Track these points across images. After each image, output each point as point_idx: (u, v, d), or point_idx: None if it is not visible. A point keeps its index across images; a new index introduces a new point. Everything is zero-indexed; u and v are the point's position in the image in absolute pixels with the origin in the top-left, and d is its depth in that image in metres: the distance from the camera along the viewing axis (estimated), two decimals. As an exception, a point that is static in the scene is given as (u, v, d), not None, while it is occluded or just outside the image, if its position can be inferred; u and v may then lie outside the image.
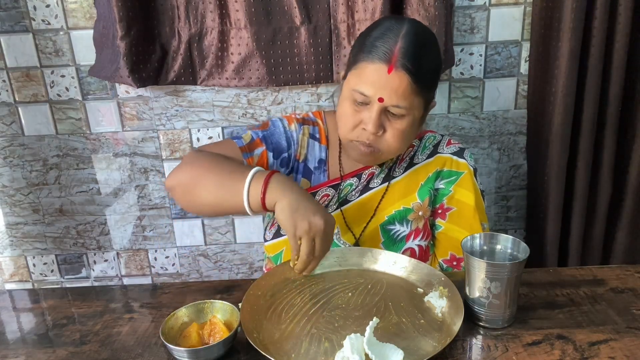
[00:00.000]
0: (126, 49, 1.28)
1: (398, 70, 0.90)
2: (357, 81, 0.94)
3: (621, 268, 0.98)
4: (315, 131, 1.12)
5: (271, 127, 1.09)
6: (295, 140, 1.09)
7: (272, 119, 1.12)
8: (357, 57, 0.95)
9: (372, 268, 0.97)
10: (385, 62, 0.91)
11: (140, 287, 1.00)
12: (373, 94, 0.92)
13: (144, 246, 1.63)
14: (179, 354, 0.74)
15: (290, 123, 1.10)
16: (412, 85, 0.91)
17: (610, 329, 0.80)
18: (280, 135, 1.08)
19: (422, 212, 1.08)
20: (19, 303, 0.97)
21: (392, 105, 0.93)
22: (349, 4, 1.32)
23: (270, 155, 1.06)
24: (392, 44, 0.91)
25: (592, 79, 1.33)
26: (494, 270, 0.77)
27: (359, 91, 0.93)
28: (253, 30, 1.34)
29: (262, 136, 1.07)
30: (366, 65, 0.93)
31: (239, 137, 1.05)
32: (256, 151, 1.04)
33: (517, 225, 1.63)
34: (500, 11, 1.40)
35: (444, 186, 1.09)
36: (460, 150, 1.10)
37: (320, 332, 0.79)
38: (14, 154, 1.52)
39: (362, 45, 0.95)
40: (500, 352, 0.76)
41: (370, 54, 0.92)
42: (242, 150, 1.03)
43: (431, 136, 1.13)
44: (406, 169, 1.10)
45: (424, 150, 1.11)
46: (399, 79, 0.90)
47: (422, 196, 1.08)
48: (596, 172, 1.43)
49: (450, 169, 1.09)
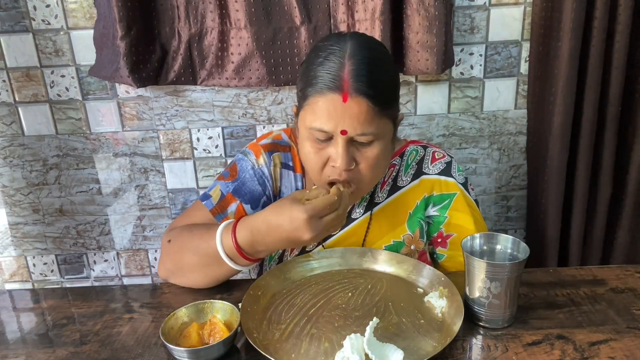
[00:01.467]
0: (126, 49, 1.28)
1: (353, 96, 0.81)
2: (312, 118, 0.84)
3: (621, 268, 0.98)
4: (288, 158, 1.03)
5: (240, 174, 1.01)
6: (267, 177, 1.02)
7: (238, 158, 1.04)
8: (305, 92, 0.85)
9: (372, 268, 0.97)
10: (337, 90, 0.81)
11: (140, 287, 1.00)
12: (333, 128, 0.83)
13: (144, 246, 1.63)
14: (179, 354, 0.74)
15: (258, 156, 1.02)
16: (373, 109, 0.82)
17: (610, 329, 0.80)
18: (251, 180, 1.01)
19: (415, 246, 1.02)
20: (19, 303, 0.97)
21: (357, 135, 0.83)
22: (349, 4, 1.32)
23: (247, 207, 0.99)
24: (338, 68, 0.81)
25: (592, 79, 1.33)
26: (494, 270, 0.77)
27: (317, 128, 0.84)
28: (253, 30, 1.34)
29: (233, 190, 1.00)
30: (317, 99, 0.83)
31: (208, 196, 1.00)
32: (229, 209, 0.99)
33: (517, 225, 1.63)
34: (500, 11, 1.40)
35: (438, 213, 1.02)
36: (447, 166, 1.02)
37: (320, 332, 0.79)
38: (14, 154, 1.52)
39: (307, 77, 0.85)
40: (500, 352, 0.76)
41: (317, 85, 0.82)
42: (213, 214, 0.98)
43: (413, 150, 1.04)
44: (390, 192, 1.02)
45: (407, 170, 1.02)
46: (357, 105, 0.81)
47: (412, 227, 1.02)
48: (596, 172, 1.43)
49: (440, 193, 1.01)
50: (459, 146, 1.53)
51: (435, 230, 1.04)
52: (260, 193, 1.01)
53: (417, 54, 1.32)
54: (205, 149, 1.51)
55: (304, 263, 0.97)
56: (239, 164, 1.03)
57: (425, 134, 1.51)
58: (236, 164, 1.04)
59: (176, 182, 1.55)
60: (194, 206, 1.02)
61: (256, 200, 1.00)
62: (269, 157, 1.02)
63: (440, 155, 1.04)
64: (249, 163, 1.02)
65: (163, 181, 1.55)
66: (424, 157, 1.03)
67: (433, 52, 1.30)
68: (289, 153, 1.04)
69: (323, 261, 0.97)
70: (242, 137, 1.50)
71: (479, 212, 1.04)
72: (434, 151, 1.04)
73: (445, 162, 1.02)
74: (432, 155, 1.03)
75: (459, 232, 1.02)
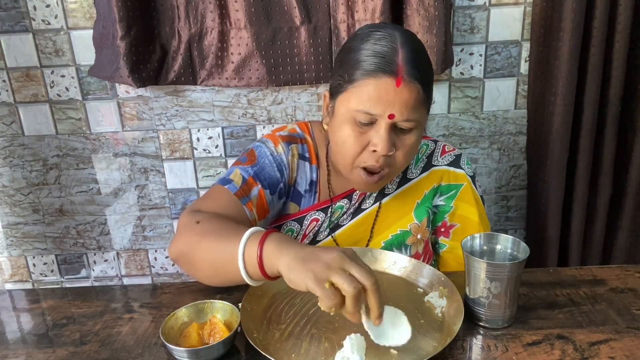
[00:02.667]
0: (126, 49, 1.28)
1: (407, 81, 0.82)
2: (359, 101, 0.84)
3: (621, 268, 0.98)
4: (305, 150, 1.02)
5: (259, 159, 0.98)
6: (285, 165, 0.99)
7: (256, 145, 1.01)
8: (352, 75, 0.84)
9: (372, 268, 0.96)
10: (392, 74, 0.81)
11: (140, 287, 1.00)
12: (382, 111, 0.83)
13: (144, 246, 1.63)
14: (179, 354, 0.74)
15: (277, 145, 1.00)
16: (421, 97, 0.84)
17: (610, 329, 0.80)
18: (270, 166, 0.98)
19: (421, 235, 1.02)
20: (19, 303, 0.97)
21: (402, 120, 0.84)
22: (349, 4, 1.32)
23: (267, 192, 0.96)
24: (392, 54, 0.82)
25: (592, 79, 1.33)
26: (494, 270, 0.77)
27: (364, 111, 0.84)
28: (253, 30, 1.34)
29: (254, 173, 0.96)
30: (368, 82, 0.83)
31: (229, 180, 0.95)
32: (252, 192, 0.95)
33: (517, 225, 1.63)
34: (500, 11, 1.40)
35: (444, 203, 1.04)
36: (456, 158, 1.04)
37: (320, 332, 0.79)
38: (14, 154, 1.52)
39: (353, 60, 0.85)
40: (500, 352, 0.76)
41: (369, 68, 0.82)
42: (238, 197, 0.92)
43: (424, 144, 1.05)
44: (399, 184, 1.03)
45: (417, 163, 1.04)
46: (408, 91, 0.82)
47: (420, 216, 1.02)
48: (596, 172, 1.43)
49: (448, 183, 1.03)
50: (459, 146, 1.53)
51: (440, 220, 1.05)
52: (279, 179, 0.98)
53: (417, 54, 1.32)
54: (205, 149, 1.51)
55: (304, 263, 0.96)
56: (257, 149, 1.00)
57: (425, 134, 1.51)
58: (254, 149, 1.01)
59: (176, 182, 1.55)
60: (215, 189, 0.95)
61: (274, 186, 0.98)
62: (287, 147, 1.00)
63: (450, 148, 1.06)
64: (267, 150, 1.00)
65: (163, 181, 1.55)
66: (434, 151, 1.05)
67: (433, 52, 1.30)
68: (305, 145, 1.03)
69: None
70: (242, 137, 1.50)
71: (483, 208, 1.06)
72: (444, 144, 1.07)
73: (455, 155, 1.05)
74: (442, 149, 1.06)
75: (463, 223, 1.03)
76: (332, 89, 0.91)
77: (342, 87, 0.87)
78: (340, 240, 1.03)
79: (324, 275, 0.66)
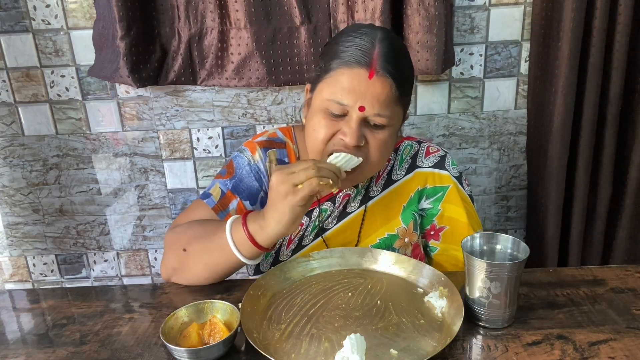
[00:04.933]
0: (126, 49, 1.28)
1: (380, 75, 0.83)
2: (333, 90, 0.85)
3: (621, 268, 0.98)
4: (283, 154, 1.04)
5: (237, 170, 1.02)
6: (263, 172, 1.02)
7: (234, 155, 1.04)
8: (330, 64, 0.86)
9: (372, 268, 0.97)
10: (365, 66, 0.82)
11: (140, 287, 0.99)
12: (353, 102, 0.84)
13: (144, 246, 1.63)
14: (179, 354, 0.74)
15: (254, 152, 1.03)
16: (394, 92, 0.85)
17: (610, 329, 0.80)
18: (248, 176, 1.01)
19: (408, 239, 1.02)
20: (19, 303, 0.97)
21: (373, 115, 0.85)
22: (349, 4, 1.32)
23: (247, 204, 1.00)
24: (369, 47, 0.83)
25: (592, 79, 1.33)
26: (494, 270, 0.77)
27: (336, 101, 0.84)
28: (253, 30, 1.34)
29: (232, 187, 1.00)
30: (342, 72, 0.84)
31: (208, 194, 1.00)
32: (231, 206, 0.99)
33: (517, 225, 1.63)
34: (500, 11, 1.40)
35: (431, 206, 1.03)
36: (441, 159, 1.03)
37: (320, 332, 0.79)
38: (14, 154, 1.52)
39: (334, 51, 0.86)
40: (500, 352, 0.76)
41: (345, 58, 0.84)
42: (215, 211, 0.98)
43: (407, 145, 1.05)
44: (384, 187, 1.03)
45: (401, 164, 1.03)
46: (380, 84, 0.83)
47: (406, 220, 1.02)
48: (596, 172, 1.43)
49: (434, 186, 1.02)
50: (459, 146, 1.53)
51: (428, 223, 1.05)
52: (258, 189, 1.01)
53: (417, 54, 1.32)
54: (205, 149, 1.51)
55: (304, 263, 0.97)
56: (235, 161, 1.04)
57: (425, 134, 1.51)
58: (232, 161, 1.04)
59: (176, 182, 1.55)
60: (195, 205, 1.02)
61: (254, 196, 1.01)
62: (264, 153, 1.03)
63: (434, 149, 1.05)
64: (245, 159, 1.03)
65: (163, 181, 1.55)
66: (419, 152, 1.05)
67: (433, 52, 1.30)
68: (284, 150, 1.04)
69: (323, 261, 0.97)
70: (242, 137, 1.50)
71: (472, 207, 1.05)
72: (428, 146, 1.06)
73: (439, 156, 1.04)
74: (426, 150, 1.05)
75: (452, 224, 1.03)
76: (312, 80, 0.93)
77: (319, 78, 0.89)
78: (330, 243, 1.03)
79: (292, 195, 0.78)
